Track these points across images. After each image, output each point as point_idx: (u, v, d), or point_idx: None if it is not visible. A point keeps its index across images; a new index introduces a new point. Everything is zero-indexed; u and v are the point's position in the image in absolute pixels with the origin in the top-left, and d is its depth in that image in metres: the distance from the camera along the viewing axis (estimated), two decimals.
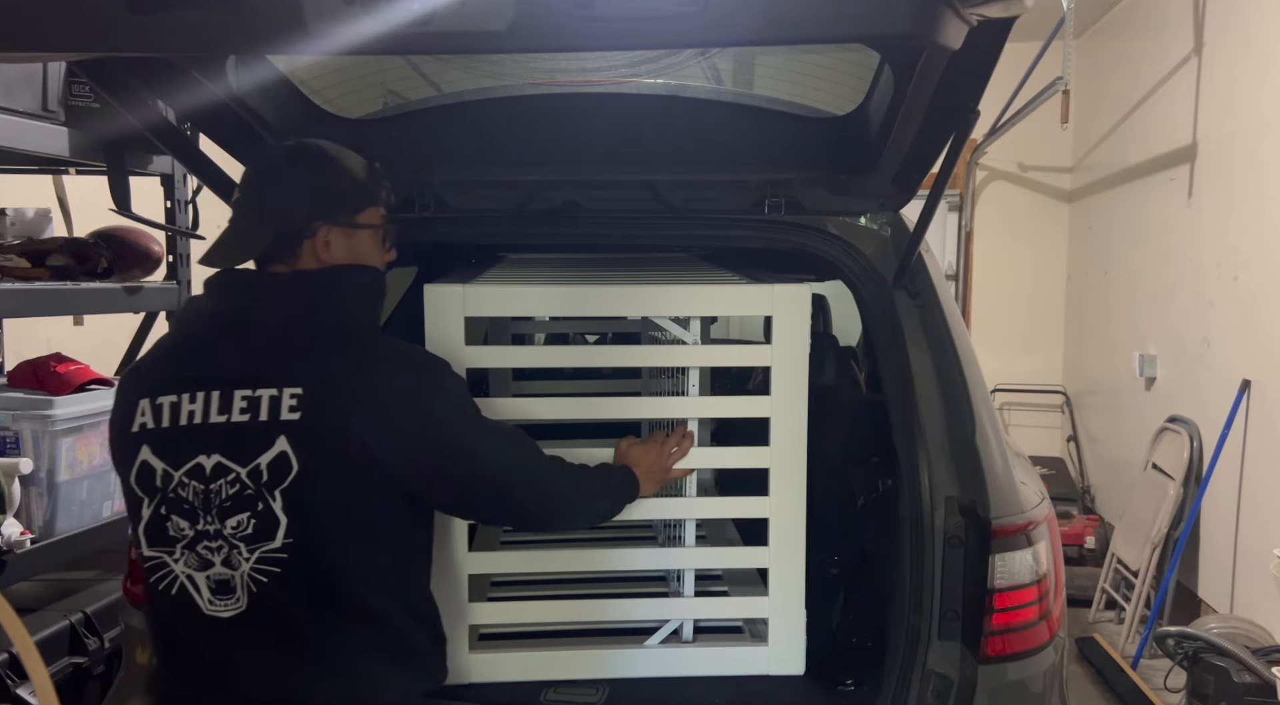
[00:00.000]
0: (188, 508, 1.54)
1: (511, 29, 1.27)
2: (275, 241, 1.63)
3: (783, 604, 2.13)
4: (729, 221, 2.41)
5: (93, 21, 1.32)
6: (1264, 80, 4.06)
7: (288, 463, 1.52)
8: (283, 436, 1.52)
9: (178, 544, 1.55)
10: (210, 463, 1.54)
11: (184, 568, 1.55)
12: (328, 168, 1.71)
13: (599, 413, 2.21)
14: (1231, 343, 4.33)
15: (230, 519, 1.53)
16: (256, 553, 1.53)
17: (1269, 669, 3.40)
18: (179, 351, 1.67)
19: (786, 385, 2.06)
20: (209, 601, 1.54)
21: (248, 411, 1.54)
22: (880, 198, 2.30)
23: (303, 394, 1.53)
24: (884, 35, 1.34)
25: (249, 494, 1.52)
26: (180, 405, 1.57)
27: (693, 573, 2.19)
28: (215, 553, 1.53)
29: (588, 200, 2.42)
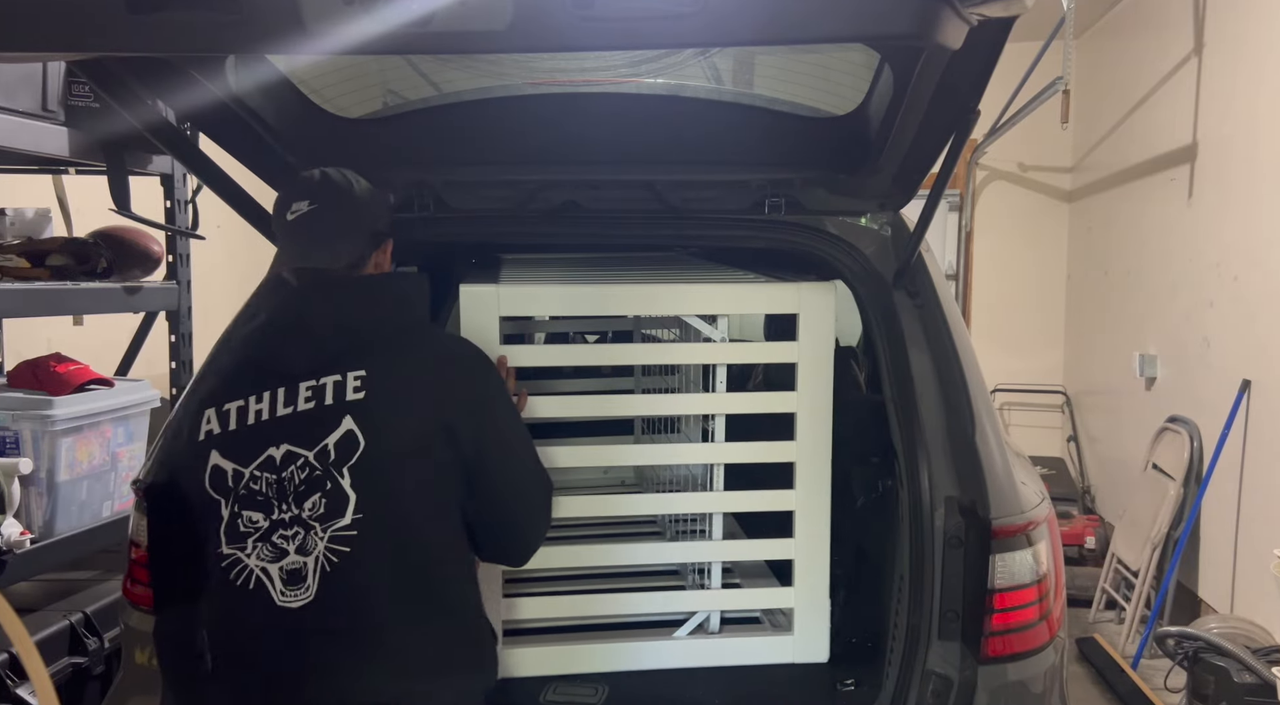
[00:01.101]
0: (261, 499, 1.60)
1: (511, 29, 1.27)
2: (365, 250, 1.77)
3: (809, 594, 2.19)
4: (729, 221, 2.41)
5: (92, 21, 1.32)
6: (1264, 80, 4.06)
7: (354, 440, 1.60)
8: (348, 416, 1.61)
9: (249, 538, 1.60)
10: (280, 452, 1.61)
11: (257, 561, 1.59)
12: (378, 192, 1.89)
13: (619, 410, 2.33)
14: (1231, 343, 4.33)
15: (306, 501, 1.59)
16: (330, 531, 1.58)
17: (1269, 669, 3.40)
18: (238, 356, 1.74)
19: (812, 381, 2.13)
20: (281, 592, 1.58)
21: (313, 400, 1.63)
22: (880, 198, 2.30)
23: (366, 375, 1.63)
24: (884, 35, 1.34)
25: (318, 475, 1.59)
26: (247, 407, 1.65)
27: (720, 565, 2.25)
28: (290, 540, 1.58)
29: (587, 200, 2.42)
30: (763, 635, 2.22)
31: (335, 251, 1.75)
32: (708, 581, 2.27)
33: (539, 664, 2.12)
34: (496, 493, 1.73)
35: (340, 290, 1.73)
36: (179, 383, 3.33)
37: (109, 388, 2.94)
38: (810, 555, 2.18)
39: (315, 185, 1.79)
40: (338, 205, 1.76)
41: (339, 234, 1.76)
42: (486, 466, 1.70)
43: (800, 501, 2.17)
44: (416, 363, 1.69)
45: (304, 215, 1.75)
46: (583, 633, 2.20)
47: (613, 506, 2.41)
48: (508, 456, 1.75)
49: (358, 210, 1.79)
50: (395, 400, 1.64)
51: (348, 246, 1.76)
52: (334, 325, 1.69)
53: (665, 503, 2.36)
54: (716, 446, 2.21)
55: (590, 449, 2.25)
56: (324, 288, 1.73)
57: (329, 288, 1.73)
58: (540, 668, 2.11)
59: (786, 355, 2.15)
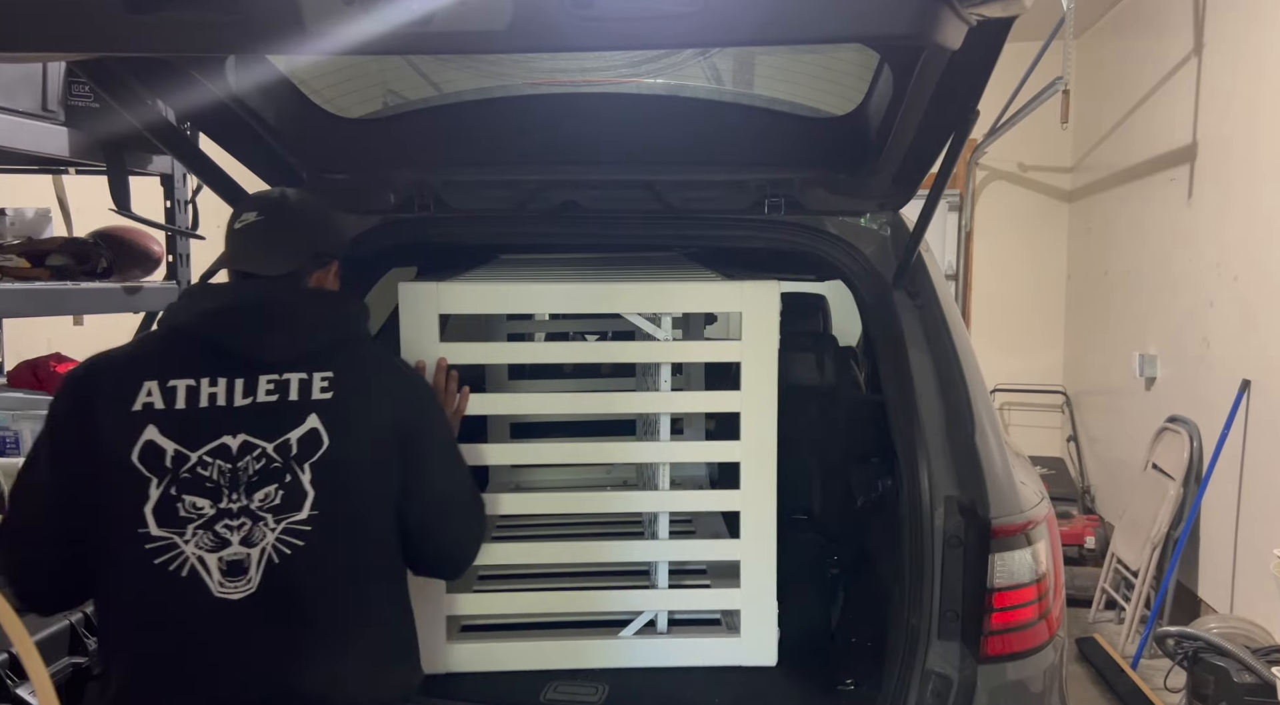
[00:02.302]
0: (210, 486, 1.57)
1: (510, 29, 1.27)
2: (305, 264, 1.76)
3: (754, 596, 2.15)
4: (729, 221, 2.41)
5: (92, 21, 1.32)
6: (1264, 81, 4.06)
7: (318, 438, 1.60)
8: (314, 414, 1.61)
9: (190, 524, 1.56)
10: (236, 442, 1.59)
11: (195, 549, 1.55)
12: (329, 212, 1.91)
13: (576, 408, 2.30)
14: (1231, 343, 4.33)
15: (258, 492, 1.58)
16: (283, 523, 1.57)
17: (1269, 669, 3.40)
18: (183, 342, 1.69)
19: (757, 380, 2.09)
20: (219, 583, 1.55)
21: (274, 393, 1.62)
22: (880, 198, 2.30)
23: (334, 377, 1.64)
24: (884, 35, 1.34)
25: (276, 467, 1.58)
26: (199, 389, 1.61)
27: (666, 565, 2.22)
28: (235, 530, 1.56)
29: (587, 200, 2.42)
30: (708, 636, 2.20)
31: (272, 260, 1.74)
32: (655, 581, 2.25)
33: (482, 660, 2.12)
34: (433, 509, 1.75)
35: (305, 294, 1.75)
36: None
37: None
38: (756, 556, 2.15)
39: (265, 200, 1.83)
40: (282, 219, 1.78)
41: (278, 244, 1.76)
42: (424, 483, 1.72)
43: (745, 501, 2.13)
44: (374, 373, 1.72)
45: (249, 225, 1.77)
46: (528, 630, 2.19)
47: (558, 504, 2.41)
48: (445, 475, 1.78)
49: (301, 226, 1.80)
50: (359, 405, 1.65)
51: (286, 257, 1.75)
52: (302, 324, 1.69)
53: (609, 501, 2.33)
54: (661, 445, 2.19)
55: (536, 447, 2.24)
56: (290, 290, 1.73)
57: (295, 290, 1.74)
58: (482, 663, 2.11)
59: (730, 354, 2.13)
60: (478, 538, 1.87)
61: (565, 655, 2.14)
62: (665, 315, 2.14)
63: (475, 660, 2.12)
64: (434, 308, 2.06)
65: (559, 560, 2.30)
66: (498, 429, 3.03)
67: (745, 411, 2.10)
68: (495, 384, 3.04)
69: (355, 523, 1.63)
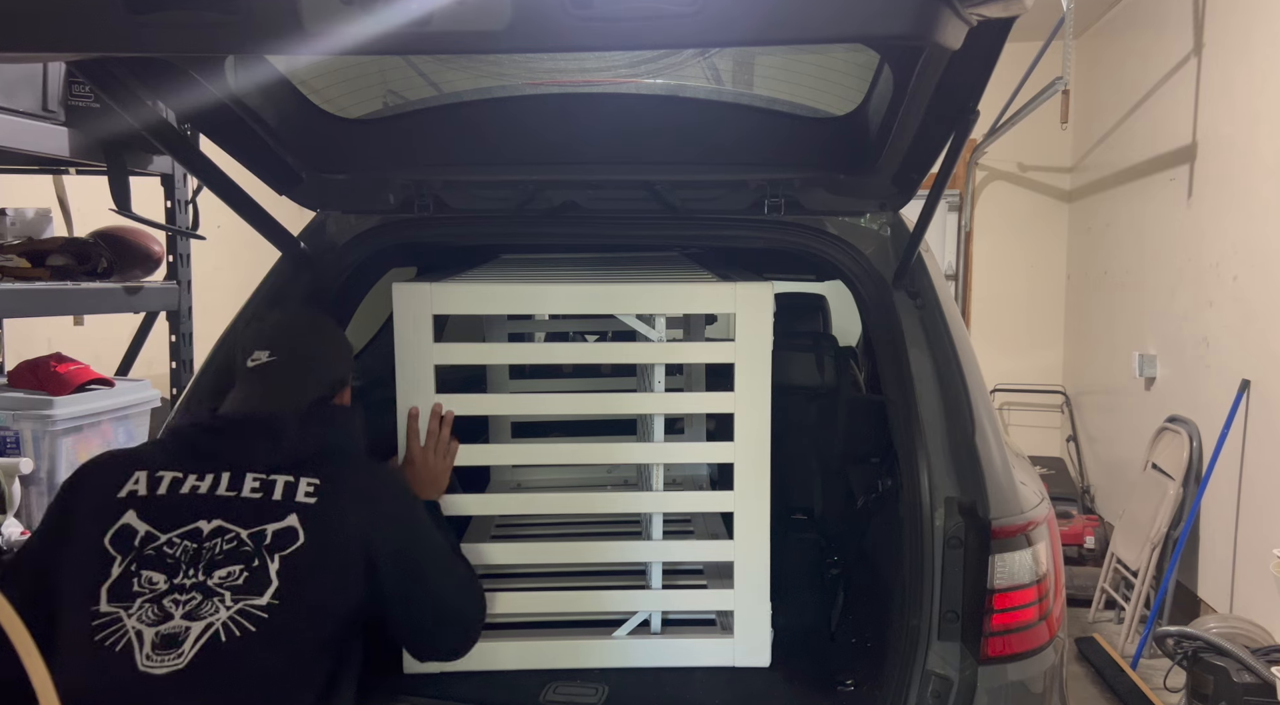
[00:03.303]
0: (170, 562, 1.57)
1: (510, 29, 1.27)
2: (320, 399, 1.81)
3: (748, 597, 2.14)
4: (729, 221, 2.41)
5: (92, 21, 1.32)
6: (1264, 80, 4.06)
7: (294, 535, 1.62)
8: (295, 515, 1.63)
9: (140, 598, 1.55)
10: (210, 526, 1.61)
11: (135, 623, 1.54)
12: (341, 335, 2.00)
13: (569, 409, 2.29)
14: (1231, 343, 4.33)
15: (220, 569, 1.57)
16: (241, 603, 1.56)
17: (1269, 669, 3.40)
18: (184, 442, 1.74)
19: (750, 381, 2.08)
20: (146, 656, 1.52)
21: (259, 491, 1.64)
22: (880, 198, 2.30)
23: (320, 484, 1.67)
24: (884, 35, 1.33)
25: (246, 550, 1.59)
26: (184, 480, 1.65)
27: (660, 566, 2.21)
28: (181, 605, 1.55)
29: (587, 200, 2.42)
30: (702, 637, 2.18)
31: (291, 403, 1.77)
32: (649, 581, 2.24)
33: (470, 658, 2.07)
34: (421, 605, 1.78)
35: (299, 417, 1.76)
36: (179, 383, 3.33)
37: (109, 388, 2.94)
38: (750, 557, 2.13)
39: (277, 334, 1.85)
40: (296, 359, 1.82)
41: (296, 388, 1.79)
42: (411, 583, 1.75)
43: (739, 503, 2.12)
44: (360, 485, 1.73)
45: (262, 366, 1.79)
46: (521, 629, 2.19)
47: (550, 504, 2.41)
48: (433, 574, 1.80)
49: (316, 364, 1.84)
50: (342, 515, 1.67)
51: (304, 398, 1.79)
52: (290, 438, 1.72)
53: (602, 502, 2.32)
54: (654, 446, 2.18)
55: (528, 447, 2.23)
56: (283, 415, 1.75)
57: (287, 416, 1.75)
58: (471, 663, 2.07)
59: (723, 355, 2.12)
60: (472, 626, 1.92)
61: (558, 655, 2.13)
62: (659, 316, 2.13)
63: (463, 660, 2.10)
64: (428, 308, 2.06)
65: (553, 560, 2.29)
66: (499, 428, 3.03)
67: (739, 412, 2.09)
68: (497, 384, 3.04)
69: (310, 622, 1.62)
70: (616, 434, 2.63)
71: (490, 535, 2.62)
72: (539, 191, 2.42)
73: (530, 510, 2.55)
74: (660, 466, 2.19)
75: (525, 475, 3.04)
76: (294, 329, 1.90)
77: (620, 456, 2.35)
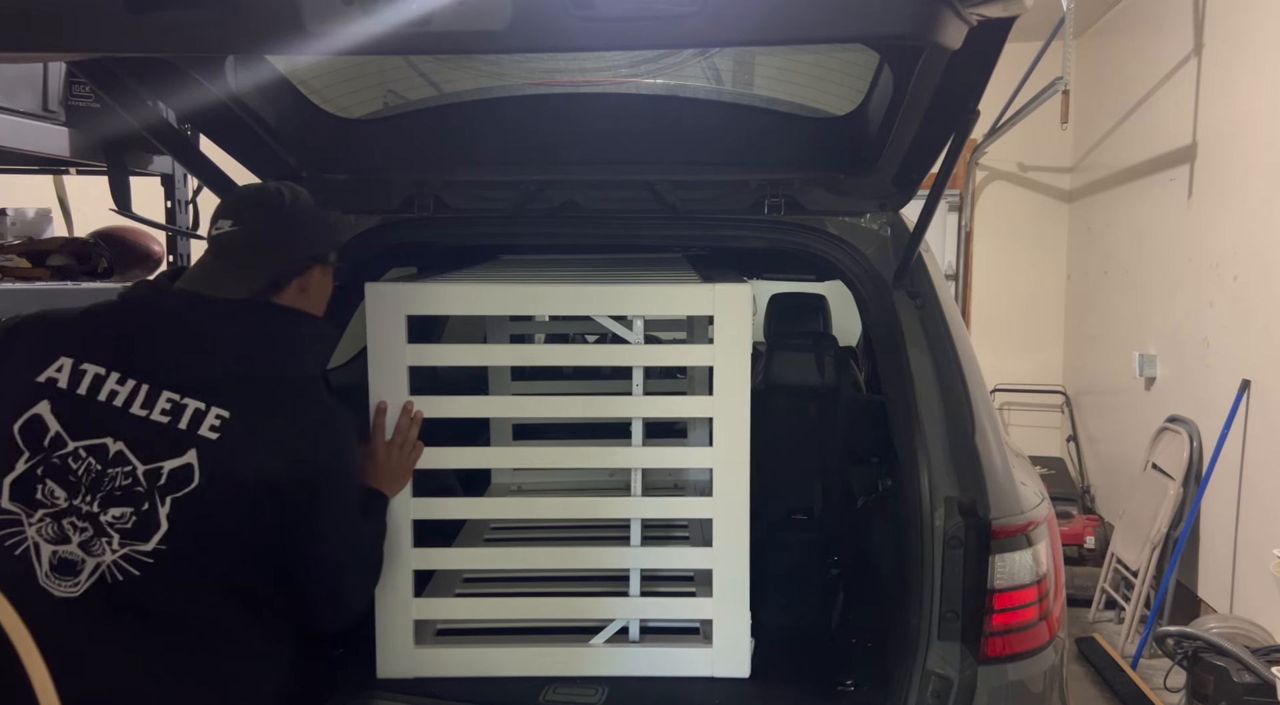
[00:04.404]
0: (73, 480, 1.55)
1: (510, 29, 1.27)
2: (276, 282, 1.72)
3: (726, 605, 2.09)
4: (729, 221, 2.40)
5: (92, 21, 1.32)
6: (1264, 80, 4.06)
7: (190, 475, 1.57)
8: (194, 450, 1.57)
9: (40, 509, 1.54)
10: (115, 447, 1.56)
11: (35, 534, 1.54)
12: (319, 212, 1.84)
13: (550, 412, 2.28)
14: (1231, 343, 4.33)
15: (113, 508, 1.55)
16: (126, 548, 1.54)
17: (1269, 669, 3.40)
18: (120, 328, 1.66)
19: (729, 384, 2.03)
20: (45, 574, 1.53)
21: (169, 415, 1.58)
22: (880, 198, 2.30)
23: (229, 417, 1.59)
24: (883, 35, 1.33)
25: (139, 491, 1.55)
26: (105, 380, 1.59)
27: (638, 572, 2.17)
28: (77, 532, 1.54)
29: (587, 201, 2.42)
30: (680, 646, 2.13)
31: (247, 279, 1.70)
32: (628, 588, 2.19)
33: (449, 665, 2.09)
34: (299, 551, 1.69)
35: (244, 317, 1.68)
36: None
37: None
38: (729, 565, 2.08)
39: (243, 202, 1.77)
40: (260, 228, 1.73)
41: (254, 260, 1.72)
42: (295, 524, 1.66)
43: (718, 509, 2.07)
44: (277, 423, 1.64)
45: (224, 235, 1.72)
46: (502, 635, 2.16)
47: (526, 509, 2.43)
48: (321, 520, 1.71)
49: (282, 235, 1.75)
50: (243, 454, 1.59)
51: (262, 274, 1.71)
52: (221, 348, 1.65)
53: (581, 506, 2.29)
54: (631, 450, 2.14)
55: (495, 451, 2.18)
56: (236, 311, 1.68)
57: (242, 312, 1.68)
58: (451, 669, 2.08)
59: (702, 358, 2.08)
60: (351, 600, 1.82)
61: (534, 662, 2.10)
62: (636, 318, 2.10)
63: (443, 665, 2.09)
64: (401, 309, 2.03)
65: (530, 566, 2.27)
66: (500, 430, 3.02)
67: (717, 416, 2.04)
68: (498, 385, 3.04)
69: (205, 566, 1.59)
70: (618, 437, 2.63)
71: (484, 539, 2.62)
72: (539, 191, 2.42)
73: (502, 515, 2.55)
74: (638, 471, 2.15)
75: (526, 478, 3.04)
76: (264, 198, 1.77)
77: (597, 461, 2.32)
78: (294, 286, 1.76)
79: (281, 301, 1.75)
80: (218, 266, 1.72)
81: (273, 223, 1.75)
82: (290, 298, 1.76)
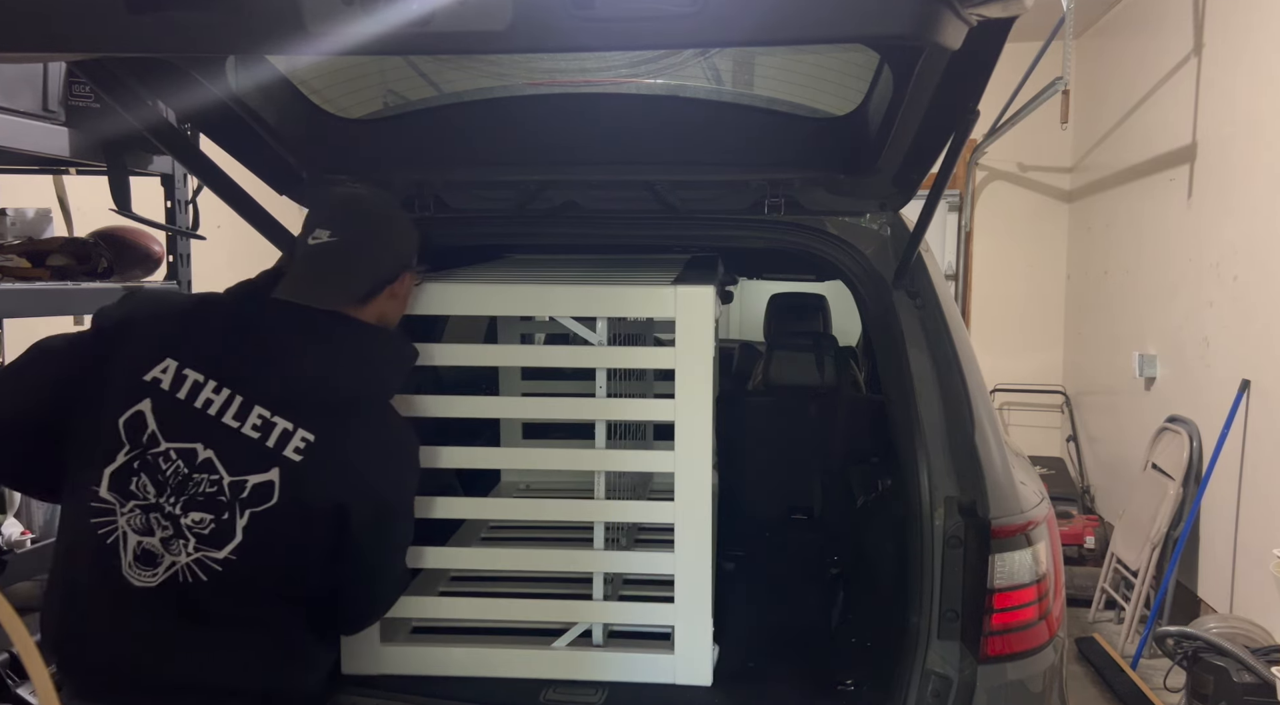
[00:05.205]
0: (161, 479, 1.60)
1: (510, 29, 1.27)
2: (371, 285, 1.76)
3: (688, 611, 2.05)
4: (729, 221, 2.41)
5: (92, 21, 1.32)
6: (1264, 81, 4.06)
7: (270, 492, 1.61)
8: (278, 469, 1.61)
9: (133, 501, 1.59)
10: (203, 455, 1.61)
11: (125, 524, 1.59)
12: (406, 217, 1.88)
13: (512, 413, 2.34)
14: (1231, 343, 4.34)
15: (194, 513, 1.59)
16: (200, 553, 1.59)
17: (1269, 669, 3.40)
18: (220, 335, 1.70)
19: (691, 388, 2.00)
20: (129, 563, 1.58)
21: (260, 431, 1.62)
22: (880, 198, 2.30)
23: (314, 440, 1.63)
24: (883, 35, 1.33)
25: (222, 500, 1.60)
26: (203, 388, 1.63)
27: (602, 576, 2.14)
28: (160, 528, 1.59)
29: (587, 201, 2.42)
30: (643, 651, 2.10)
31: (343, 289, 1.74)
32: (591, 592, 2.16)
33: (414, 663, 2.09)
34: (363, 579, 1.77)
35: (338, 336, 1.72)
36: None
37: None
38: (691, 570, 2.04)
39: (340, 211, 1.80)
40: (357, 238, 1.76)
41: (353, 269, 1.75)
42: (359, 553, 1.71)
43: (679, 513, 2.03)
44: (357, 450, 1.68)
45: (322, 245, 1.74)
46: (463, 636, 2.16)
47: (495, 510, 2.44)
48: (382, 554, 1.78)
49: (379, 246, 1.79)
50: (323, 478, 1.64)
51: (360, 282, 1.75)
52: (313, 368, 1.68)
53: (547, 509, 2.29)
54: (596, 453, 2.11)
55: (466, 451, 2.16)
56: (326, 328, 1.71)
57: (328, 330, 1.72)
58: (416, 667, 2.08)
59: (664, 360, 2.06)
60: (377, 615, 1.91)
61: (498, 663, 2.08)
62: (600, 319, 2.08)
63: (406, 663, 2.08)
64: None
65: (493, 567, 2.28)
66: (510, 430, 3.02)
67: (679, 420, 2.01)
68: (509, 384, 3.04)
69: (270, 578, 1.64)
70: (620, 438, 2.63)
71: (480, 538, 2.63)
72: (539, 191, 2.43)
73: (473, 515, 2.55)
74: (601, 474, 2.12)
75: (534, 477, 3.04)
76: (361, 206, 1.82)
77: (558, 463, 2.30)
78: (386, 292, 1.80)
79: (374, 307, 1.78)
80: (314, 277, 1.75)
81: (369, 230, 1.79)
82: (381, 303, 1.79)
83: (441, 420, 2.09)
